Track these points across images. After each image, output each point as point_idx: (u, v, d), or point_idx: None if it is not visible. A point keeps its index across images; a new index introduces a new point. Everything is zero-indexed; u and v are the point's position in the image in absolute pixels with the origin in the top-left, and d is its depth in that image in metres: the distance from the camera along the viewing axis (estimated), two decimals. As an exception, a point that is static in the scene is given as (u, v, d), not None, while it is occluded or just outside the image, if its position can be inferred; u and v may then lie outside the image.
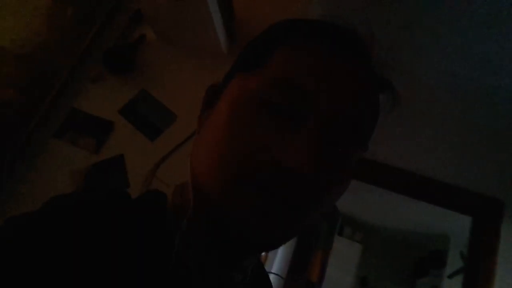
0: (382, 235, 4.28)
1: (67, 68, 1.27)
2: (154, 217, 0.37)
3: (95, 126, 1.20)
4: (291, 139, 0.31)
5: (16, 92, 1.25)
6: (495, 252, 1.59)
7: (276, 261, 2.60)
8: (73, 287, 0.28)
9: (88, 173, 1.14)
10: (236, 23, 1.28)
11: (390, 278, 4.14)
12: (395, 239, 4.22)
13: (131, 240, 0.33)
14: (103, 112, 1.22)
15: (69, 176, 1.13)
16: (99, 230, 0.32)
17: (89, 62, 1.28)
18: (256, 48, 0.39)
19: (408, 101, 1.80)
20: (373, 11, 1.42)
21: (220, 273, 0.37)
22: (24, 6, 1.33)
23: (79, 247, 0.30)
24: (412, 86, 1.72)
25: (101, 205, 0.35)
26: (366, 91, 0.36)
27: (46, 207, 0.34)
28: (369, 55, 0.38)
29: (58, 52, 1.33)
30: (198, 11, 1.09)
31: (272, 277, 0.55)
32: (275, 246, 0.34)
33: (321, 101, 0.33)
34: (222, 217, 0.32)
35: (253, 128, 0.33)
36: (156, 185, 1.11)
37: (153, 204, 0.39)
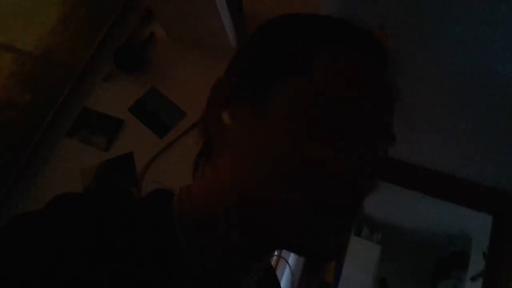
0: (401, 236, 4.18)
1: (79, 68, 1.28)
2: (158, 220, 0.37)
3: (105, 125, 1.20)
4: (345, 155, 0.34)
5: (32, 94, 1.27)
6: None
7: (291, 260, 2.57)
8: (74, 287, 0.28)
9: (98, 170, 1.15)
10: (245, 17, 1.27)
11: (410, 280, 4.04)
12: (415, 240, 4.12)
13: (133, 242, 0.33)
14: (113, 111, 1.22)
15: (80, 174, 1.14)
16: (100, 232, 0.32)
17: (100, 61, 1.29)
18: (294, 51, 0.38)
19: (429, 97, 1.75)
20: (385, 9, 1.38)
21: (233, 276, 0.37)
22: (37, 7, 1.35)
23: (81, 247, 0.30)
24: (432, 81, 1.67)
25: (104, 206, 0.36)
26: (392, 100, 0.39)
27: (50, 206, 0.34)
28: (388, 60, 0.40)
29: (70, 52, 1.35)
30: (205, 7, 1.09)
31: (287, 275, 0.55)
32: (314, 252, 0.35)
33: (369, 115, 0.35)
34: (263, 221, 0.34)
35: (307, 142, 0.34)
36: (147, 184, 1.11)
37: (157, 207, 0.39)
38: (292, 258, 2.51)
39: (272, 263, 0.51)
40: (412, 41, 1.50)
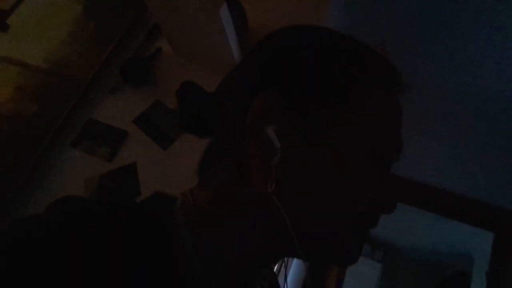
0: (402, 254, 4.14)
1: (86, 81, 1.32)
2: (159, 222, 0.37)
3: (110, 136, 1.23)
4: (386, 187, 0.40)
5: (39, 106, 1.30)
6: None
7: (290, 276, 2.55)
8: None
9: (102, 180, 1.17)
10: (250, 36, 1.31)
11: (411, 300, 3.98)
12: (416, 259, 4.07)
13: (134, 244, 0.33)
14: (118, 122, 1.25)
15: (84, 183, 1.16)
16: (101, 235, 0.32)
17: (107, 74, 1.33)
18: (351, 85, 0.39)
19: (428, 113, 1.77)
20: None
21: (239, 283, 0.38)
22: (48, 21, 1.40)
23: (80, 254, 0.30)
24: (430, 97, 1.70)
25: (104, 209, 0.36)
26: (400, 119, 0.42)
27: (51, 210, 0.35)
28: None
29: (78, 66, 1.38)
30: (211, 24, 1.12)
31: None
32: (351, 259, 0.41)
33: (389, 146, 0.40)
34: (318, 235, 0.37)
35: (360, 177, 0.37)
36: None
37: (158, 209, 0.39)
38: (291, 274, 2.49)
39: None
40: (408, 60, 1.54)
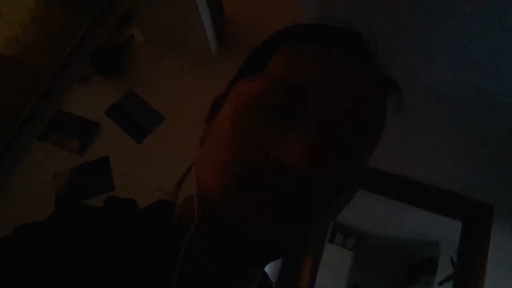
0: (373, 242, 4.27)
1: (53, 70, 1.24)
2: (158, 230, 0.37)
3: (80, 128, 1.17)
4: (290, 138, 0.31)
5: (1, 95, 1.22)
6: (485, 257, 1.58)
7: (266, 268, 2.57)
8: None
9: (73, 175, 1.11)
10: (226, 25, 1.27)
11: (381, 285, 4.12)
12: (386, 246, 4.21)
13: (134, 252, 0.33)
14: (89, 114, 1.19)
15: (52, 178, 1.10)
16: (103, 242, 0.32)
17: (76, 63, 1.26)
18: (257, 53, 0.39)
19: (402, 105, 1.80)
20: (370, 12, 1.43)
21: (226, 286, 0.36)
22: (11, 6, 1.31)
23: (84, 257, 0.31)
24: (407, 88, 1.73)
25: (107, 216, 0.36)
26: (368, 89, 0.35)
27: (55, 216, 0.35)
28: (372, 55, 0.38)
29: (45, 52, 1.30)
30: (186, 11, 1.08)
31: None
32: (283, 251, 0.33)
33: (319, 99, 0.33)
34: (228, 222, 0.31)
35: (254, 131, 0.33)
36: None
37: (158, 216, 0.39)
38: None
39: None
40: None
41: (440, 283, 3.30)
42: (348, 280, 4.07)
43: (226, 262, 0.35)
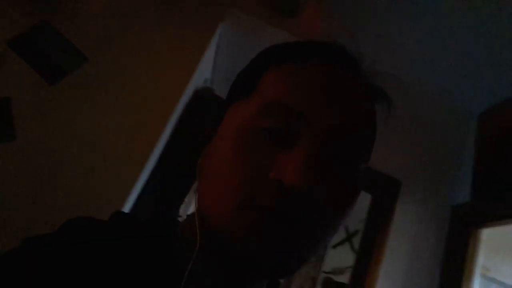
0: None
1: None
2: (160, 248, 0.38)
3: (-29, 57, 0.92)
4: (288, 158, 0.32)
5: None
6: (388, 229, 1.74)
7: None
8: None
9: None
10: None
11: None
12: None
13: (136, 271, 0.34)
14: (-16, 40, 0.95)
15: None
16: (107, 258, 0.34)
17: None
18: (244, 77, 0.40)
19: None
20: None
21: None
22: None
23: (88, 271, 0.32)
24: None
25: (111, 230, 0.37)
26: (359, 102, 0.37)
27: (63, 230, 0.36)
28: (359, 66, 0.39)
29: None
30: None
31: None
32: (287, 270, 0.34)
33: (313, 117, 0.33)
34: (233, 246, 0.32)
35: (253, 155, 0.33)
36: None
37: (160, 233, 0.40)
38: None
39: None
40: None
41: (334, 246, 3.64)
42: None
43: (230, 280, 0.36)
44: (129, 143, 0.97)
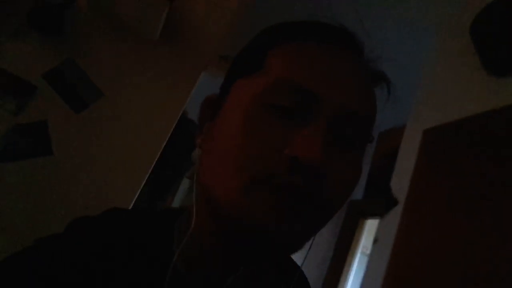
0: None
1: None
2: (159, 237, 0.40)
3: (16, 87, 1.19)
4: (303, 136, 0.32)
5: None
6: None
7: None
8: None
9: (7, 135, 1.18)
10: (172, 12, 1.38)
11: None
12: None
13: (136, 260, 0.37)
14: (24, 73, 1.21)
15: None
16: (109, 252, 0.36)
17: (10, 16, 1.20)
18: (249, 52, 0.40)
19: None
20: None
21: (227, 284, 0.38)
22: None
23: (95, 270, 0.35)
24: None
25: (114, 228, 0.40)
26: (366, 84, 0.38)
27: (69, 229, 0.40)
28: (362, 50, 0.40)
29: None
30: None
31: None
32: (296, 245, 0.34)
33: (327, 96, 0.34)
34: (243, 224, 0.32)
35: (265, 131, 0.33)
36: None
37: (162, 223, 0.42)
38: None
39: None
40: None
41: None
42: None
43: (233, 261, 0.37)
44: (133, 155, 1.34)
